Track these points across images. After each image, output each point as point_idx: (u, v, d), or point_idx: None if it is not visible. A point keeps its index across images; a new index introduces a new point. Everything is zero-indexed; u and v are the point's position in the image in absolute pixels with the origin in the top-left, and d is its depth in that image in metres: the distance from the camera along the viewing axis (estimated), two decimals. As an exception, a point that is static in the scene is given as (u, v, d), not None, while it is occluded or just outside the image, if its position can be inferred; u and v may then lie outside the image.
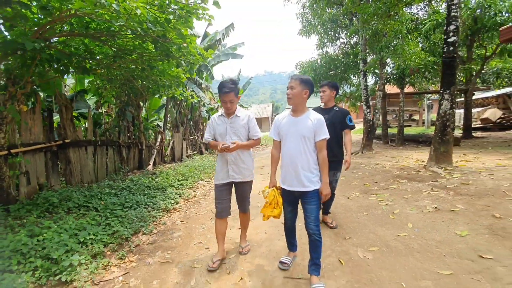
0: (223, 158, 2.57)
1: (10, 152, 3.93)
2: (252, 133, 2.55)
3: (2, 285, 2.11)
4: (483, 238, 2.37)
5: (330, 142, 2.89)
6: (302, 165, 2.10)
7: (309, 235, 2.11)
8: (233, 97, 2.44)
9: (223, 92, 2.43)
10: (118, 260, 2.62)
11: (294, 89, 2.07)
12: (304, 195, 2.11)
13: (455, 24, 4.36)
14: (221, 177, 2.57)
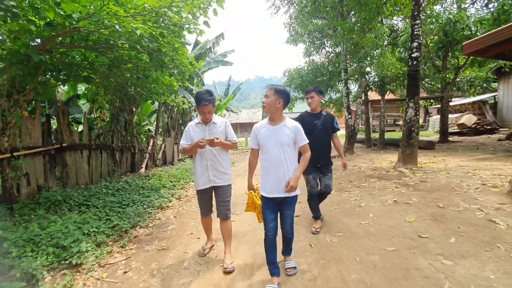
0: (202, 164, 2.67)
1: (12, 155, 4.25)
2: (229, 137, 2.74)
3: (21, 267, 2.47)
4: (425, 223, 2.90)
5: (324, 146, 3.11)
6: (283, 172, 2.15)
7: (284, 236, 2.34)
8: (211, 108, 2.62)
9: (201, 104, 2.57)
10: (120, 248, 3.02)
11: (269, 98, 2.16)
12: (284, 201, 2.20)
13: (417, 41, 4.99)
14: (202, 182, 2.68)
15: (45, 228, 3.10)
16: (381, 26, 7.69)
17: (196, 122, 2.76)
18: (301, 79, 12.94)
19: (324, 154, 3.17)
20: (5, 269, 2.45)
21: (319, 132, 3.12)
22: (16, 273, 2.41)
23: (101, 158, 6.50)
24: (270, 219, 2.22)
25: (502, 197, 3.23)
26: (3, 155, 4.11)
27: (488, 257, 2.20)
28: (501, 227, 2.59)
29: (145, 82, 5.56)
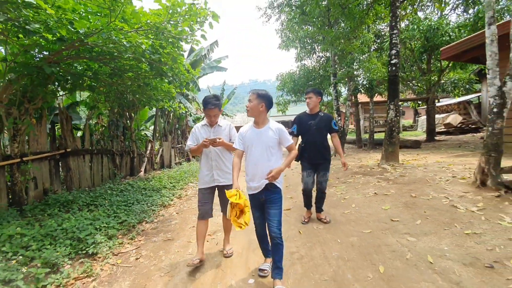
0: (207, 164, 2.83)
1: (22, 160, 4.57)
2: (232, 139, 2.85)
3: (42, 257, 2.81)
4: (398, 209, 3.34)
5: (318, 145, 3.26)
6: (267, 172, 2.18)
7: (271, 239, 2.24)
8: (217, 112, 2.79)
9: (208, 107, 2.74)
10: (130, 240, 3.38)
11: (252, 102, 2.25)
12: (267, 200, 2.25)
13: (395, 49, 5.49)
14: (206, 181, 2.82)
15: (60, 225, 3.44)
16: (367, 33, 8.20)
17: (202, 124, 2.92)
18: (293, 83, 13.44)
19: (318, 153, 3.31)
20: (27, 260, 2.79)
21: (313, 132, 3.28)
22: (37, 263, 2.75)
23: (102, 162, 6.82)
24: (256, 216, 2.36)
25: (467, 187, 3.68)
26: (14, 160, 4.43)
27: (446, 234, 2.64)
28: (460, 211, 3.04)
29: (145, 90, 5.94)
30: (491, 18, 3.54)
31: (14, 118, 4.41)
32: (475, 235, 2.53)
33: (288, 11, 9.76)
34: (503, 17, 8.83)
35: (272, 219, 2.22)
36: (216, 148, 2.79)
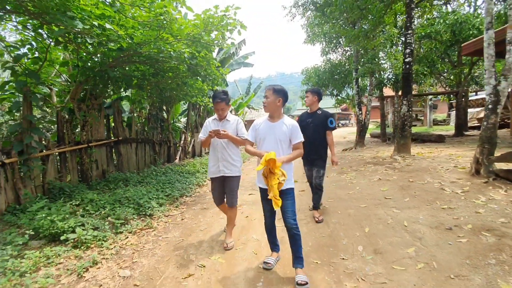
0: (215, 156, 3.04)
1: (89, 145, 5.79)
2: (239, 134, 3.02)
3: (116, 214, 3.88)
4: (394, 191, 3.98)
5: (315, 142, 3.40)
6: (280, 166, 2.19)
7: (288, 229, 2.30)
8: (224, 106, 2.96)
9: (215, 101, 2.93)
10: (175, 207, 4.39)
11: (269, 98, 2.33)
12: (282, 193, 2.24)
13: (410, 48, 5.90)
14: (213, 171, 3.05)
15: (124, 194, 4.54)
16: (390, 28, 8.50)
17: (213, 118, 3.15)
18: (317, 78, 13.86)
19: (315, 149, 3.48)
20: (104, 216, 3.87)
21: (311, 129, 3.47)
22: (112, 218, 3.81)
23: (145, 150, 8.03)
24: (267, 209, 2.44)
25: (462, 175, 4.19)
26: (83, 145, 5.65)
27: (425, 208, 3.27)
28: (446, 192, 3.61)
29: (182, 87, 6.97)
30: (489, 24, 3.96)
31: (84, 112, 5.62)
32: (449, 209, 3.14)
33: (310, 13, 10.24)
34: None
35: (287, 210, 2.27)
36: (223, 141, 2.98)
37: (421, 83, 12.11)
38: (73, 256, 2.87)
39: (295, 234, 2.27)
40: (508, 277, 1.99)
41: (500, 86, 3.88)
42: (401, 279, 2.14)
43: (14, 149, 4.12)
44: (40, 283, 2.37)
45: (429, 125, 17.99)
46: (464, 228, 2.69)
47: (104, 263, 2.79)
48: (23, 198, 4.12)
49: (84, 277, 2.55)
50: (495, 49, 7.16)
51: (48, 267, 2.65)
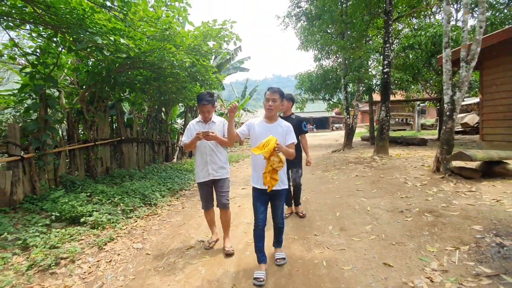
0: (202, 159, 2.97)
1: (95, 144, 6.36)
2: (226, 135, 2.90)
3: (125, 203, 4.47)
4: (366, 184, 4.65)
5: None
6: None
7: (276, 225, 2.54)
8: (210, 108, 2.91)
9: (201, 103, 2.87)
10: (176, 199, 5.01)
11: (276, 102, 2.40)
12: (276, 193, 2.39)
13: (387, 60, 6.63)
14: (202, 176, 2.97)
15: (130, 186, 5.14)
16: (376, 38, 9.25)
17: (197, 120, 3.05)
18: (310, 83, 14.59)
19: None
20: (116, 204, 4.45)
21: None
22: (123, 206, 4.40)
23: (145, 149, 8.61)
24: (261, 211, 2.42)
25: (425, 172, 4.89)
26: (90, 144, 6.22)
27: (387, 198, 3.94)
28: (408, 186, 4.30)
29: (182, 91, 7.60)
30: (447, 43, 4.69)
31: (92, 113, 6.20)
32: (406, 198, 3.82)
33: (301, 24, 10.99)
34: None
35: (277, 211, 2.49)
36: (210, 143, 2.92)
37: (407, 90, 12.90)
38: (92, 235, 3.46)
39: (282, 227, 2.59)
40: (435, 243, 2.65)
41: (455, 96, 4.60)
42: (356, 246, 2.80)
43: (32, 145, 4.69)
44: (68, 253, 2.96)
45: (417, 129, 18.88)
46: (413, 211, 3.36)
47: (119, 239, 3.40)
48: (40, 189, 4.68)
49: (104, 249, 3.15)
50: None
51: (72, 242, 3.24)
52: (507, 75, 7.34)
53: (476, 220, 2.91)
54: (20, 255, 2.90)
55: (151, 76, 6.95)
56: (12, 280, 2.43)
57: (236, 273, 2.54)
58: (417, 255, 2.50)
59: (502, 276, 2.11)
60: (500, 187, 3.78)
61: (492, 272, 2.17)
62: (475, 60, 4.53)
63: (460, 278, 2.14)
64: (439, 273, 2.23)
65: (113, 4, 4.40)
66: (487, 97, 7.83)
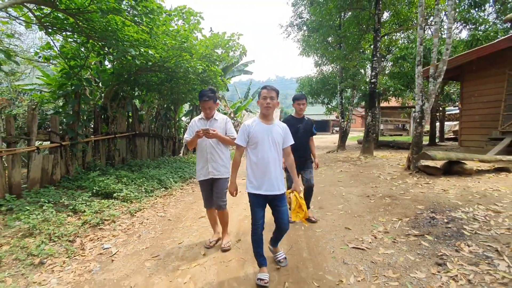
0: (202, 157, 2.94)
1: (115, 136, 7.32)
2: (228, 133, 2.97)
3: (144, 186, 5.42)
4: (346, 177, 5.60)
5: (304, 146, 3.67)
6: (276, 170, 2.32)
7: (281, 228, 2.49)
8: (211, 104, 2.89)
9: (203, 100, 2.84)
10: (186, 185, 5.98)
11: (274, 100, 2.34)
12: (277, 198, 2.34)
13: (375, 71, 7.58)
14: (202, 174, 2.95)
15: (148, 173, 6.10)
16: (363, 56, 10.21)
17: (199, 118, 3.03)
18: (310, 87, 15.53)
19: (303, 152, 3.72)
20: (138, 185, 5.41)
21: (301, 134, 3.69)
22: (144, 187, 5.35)
23: (155, 143, 9.58)
24: (260, 216, 2.38)
25: (399, 169, 5.83)
26: (111, 136, 7.19)
27: (361, 187, 4.89)
28: (380, 179, 5.24)
29: (192, 92, 8.57)
30: (419, 61, 5.64)
31: (114, 109, 7.17)
32: (375, 187, 4.77)
33: (302, 33, 12.00)
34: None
35: (283, 216, 2.42)
36: (211, 141, 2.89)
37: (402, 96, 13.84)
38: (123, 206, 4.43)
39: (286, 230, 2.53)
40: (385, 216, 3.60)
41: (424, 106, 5.54)
42: (328, 218, 3.75)
43: (69, 134, 5.66)
44: (109, 216, 3.92)
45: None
46: (377, 196, 4.31)
47: (145, 210, 4.37)
48: (73, 171, 5.65)
49: (135, 215, 4.12)
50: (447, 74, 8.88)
51: (109, 210, 4.20)
52: (484, 88, 8.30)
53: (421, 202, 3.86)
54: (73, 217, 3.86)
55: (165, 78, 7.92)
56: (74, 230, 3.39)
57: (237, 233, 3.50)
58: (370, 223, 3.46)
59: (426, 236, 3.05)
60: (452, 182, 4.72)
61: (419, 233, 3.12)
62: (441, 76, 5.47)
63: (396, 236, 3.09)
64: (382, 234, 3.18)
65: (141, 20, 5.37)
66: (466, 107, 8.78)
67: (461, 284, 2.24)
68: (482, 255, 2.58)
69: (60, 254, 2.92)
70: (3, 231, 3.21)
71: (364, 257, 2.75)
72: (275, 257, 2.69)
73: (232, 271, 2.63)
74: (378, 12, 7.53)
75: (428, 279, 2.34)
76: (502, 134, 7.30)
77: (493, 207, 3.51)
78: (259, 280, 2.35)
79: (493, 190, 4.12)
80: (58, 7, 4.86)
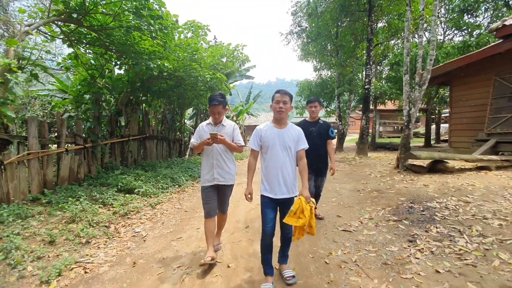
0: (208, 162, 2.90)
1: (129, 139, 7.99)
2: (235, 140, 2.94)
3: (159, 183, 6.07)
4: (341, 175, 6.24)
5: (319, 150, 3.59)
6: (289, 174, 2.34)
7: (284, 234, 2.44)
8: (221, 109, 2.85)
9: (212, 104, 2.80)
10: (197, 182, 6.62)
11: (287, 104, 2.37)
12: (288, 202, 2.33)
13: (368, 78, 8.25)
14: (207, 179, 2.90)
15: (161, 172, 6.75)
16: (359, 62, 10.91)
17: (207, 122, 3.01)
18: (309, 91, 16.22)
19: (319, 158, 3.66)
20: (154, 183, 6.06)
21: (314, 138, 3.58)
22: (160, 184, 6.00)
23: (163, 146, 10.24)
24: (270, 218, 2.37)
25: (389, 168, 6.47)
26: (125, 139, 7.85)
27: (353, 183, 5.53)
28: (371, 176, 5.88)
29: (198, 98, 9.26)
30: (406, 71, 6.30)
31: (128, 114, 7.84)
32: (366, 183, 5.41)
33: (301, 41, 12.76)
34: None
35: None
36: (218, 147, 2.87)
37: (397, 100, 14.51)
38: (144, 200, 5.07)
39: (290, 237, 2.45)
40: (372, 206, 4.24)
41: (411, 111, 6.20)
42: (322, 208, 4.39)
43: (91, 138, 6.32)
44: (134, 208, 4.57)
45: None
46: (366, 190, 4.96)
47: (163, 203, 5.02)
48: (95, 171, 6.31)
49: (156, 208, 4.77)
50: (437, 80, 9.55)
51: (133, 203, 4.85)
52: (471, 92, 8.96)
53: (403, 195, 4.50)
54: (103, 208, 4.52)
55: (174, 85, 8.61)
56: (108, 218, 4.04)
57: (245, 221, 4.14)
58: (358, 212, 4.10)
59: (403, 221, 3.69)
60: (434, 178, 5.36)
61: (397, 219, 3.76)
62: (425, 84, 6.13)
63: (378, 222, 3.74)
64: (367, 220, 3.83)
65: (157, 35, 6.05)
66: (455, 110, 9.43)
67: (425, 254, 2.88)
68: (446, 234, 3.22)
69: (101, 236, 3.58)
70: (49, 219, 3.87)
71: (351, 237, 3.40)
72: (283, 274, 2.53)
73: (243, 248, 3.27)
74: (371, 24, 8.22)
75: (399, 251, 2.98)
76: (487, 136, 7.93)
77: (464, 198, 4.15)
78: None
79: (468, 185, 4.76)
80: (83, 24, 5.56)
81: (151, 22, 5.39)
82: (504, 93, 7.66)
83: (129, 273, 2.79)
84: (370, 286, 2.43)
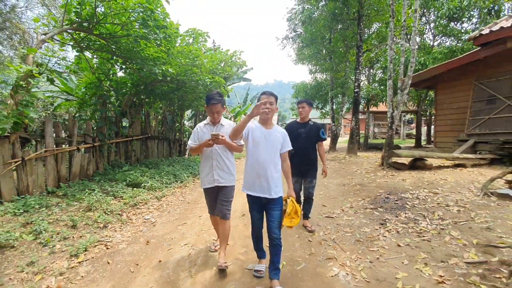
0: (208, 163, 2.86)
1: (132, 138, 8.53)
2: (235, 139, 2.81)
3: (163, 179, 6.62)
4: (330, 172, 6.82)
5: (307, 151, 3.58)
6: (272, 174, 2.38)
7: (271, 240, 2.38)
8: (219, 108, 2.81)
9: (211, 103, 2.77)
10: (197, 179, 7.17)
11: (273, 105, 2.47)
12: (271, 202, 2.39)
13: (358, 82, 8.87)
14: (207, 181, 2.86)
15: (164, 169, 7.30)
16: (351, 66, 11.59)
17: (204, 123, 2.95)
18: (305, 93, 16.83)
19: (307, 160, 3.62)
20: (158, 178, 6.61)
21: (302, 139, 3.57)
22: (163, 180, 6.56)
23: (163, 145, 10.79)
24: (257, 218, 2.52)
25: (374, 166, 7.08)
26: (130, 138, 8.39)
27: (340, 178, 6.12)
28: (357, 173, 6.48)
29: (199, 100, 9.82)
30: (390, 76, 6.91)
31: (132, 115, 8.39)
32: (351, 178, 6.01)
33: (296, 46, 13.40)
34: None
35: (273, 220, 2.37)
36: (218, 147, 2.82)
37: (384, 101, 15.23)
38: (150, 193, 5.62)
39: (278, 245, 2.38)
40: (354, 197, 4.83)
41: (394, 113, 6.81)
42: (311, 200, 4.97)
43: (99, 137, 6.86)
44: (142, 200, 5.12)
45: (402, 138, 21.19)
46: (350, 184, 5.55)
47: (168, 196, 5.57)
48: (102, 168, 6.84)
49: (161, 200, 5.32)
50: (424, 84, 10.19)
51: (140, 195, 5.39)
52: (454, 96, 9.61)
53: (382, 188, 5.10)
54: (114, 200, 5.06)
55: (175, 87, 9.17)
56: (120, 207, 4.59)
57: (241, 211, 4.71)
58: (341, 202, 4.70)
59: (378, 209, 4.28)
60: (413, 174, 5.96)
61: (374, 207, 4.35)
62: (407, 89, 6.75)
63: (357, 210, 4.32)
64: (348, 208, 4.42)
65: (161, 43, 6.61)
66: (440, 112, 10.08)
67: (392, 233, 3.47)
68: (412, 218, 3.81)
69: (116, 222, 4.13)
70: (68, 208, 4.41)
71: (332, 221, 3.98)
72: None
73: (240, 231, 3.84)
74: (360, 32, 8.85)
75: (371, 231, 3.57)
76: (467, 136, 8.57)
77: (434, 190, 4.75)
78: (256, 272, 2.62)
79: (441, 180, 5.37)
80: (93, 33, 6.11)
81: (157, 32, 5.95)
82: (482, 97, 8.31)
83: (144, 249, 3.35)
84: (343, 256, 3.01)
